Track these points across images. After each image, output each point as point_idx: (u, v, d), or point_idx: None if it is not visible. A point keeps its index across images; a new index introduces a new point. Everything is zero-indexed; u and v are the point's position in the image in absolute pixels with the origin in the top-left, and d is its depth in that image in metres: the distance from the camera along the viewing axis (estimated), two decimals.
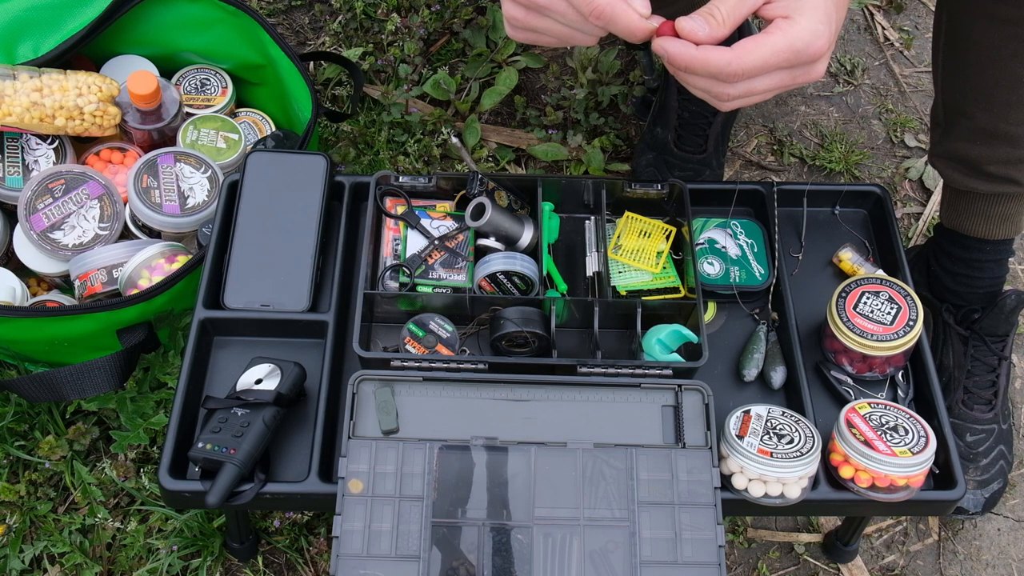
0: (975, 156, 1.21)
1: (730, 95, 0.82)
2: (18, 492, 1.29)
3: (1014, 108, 1.14)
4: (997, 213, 1.26)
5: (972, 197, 1.26)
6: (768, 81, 0.81)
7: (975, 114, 1.18)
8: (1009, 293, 1.30)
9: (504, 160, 1.65)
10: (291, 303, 1.13)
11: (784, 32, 0.79)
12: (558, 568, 0.94)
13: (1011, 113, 1.15)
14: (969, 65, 1.16)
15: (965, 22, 1.13)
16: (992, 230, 1.28)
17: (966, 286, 1.33)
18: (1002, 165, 1.20)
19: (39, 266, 1.33)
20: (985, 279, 1.32)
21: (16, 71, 1.29)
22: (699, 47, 0.79)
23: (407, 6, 1.79)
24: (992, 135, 1.18)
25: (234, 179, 1.22)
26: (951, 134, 1.23)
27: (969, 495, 1.31)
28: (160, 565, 1.26)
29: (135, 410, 1.29)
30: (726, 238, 1.23)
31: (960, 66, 1.18)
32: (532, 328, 1.09)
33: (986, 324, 1.31)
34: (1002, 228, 1.28)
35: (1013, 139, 1.17)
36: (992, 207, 1.26)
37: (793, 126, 1.74)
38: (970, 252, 1.31)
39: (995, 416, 1.33)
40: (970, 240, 1.30)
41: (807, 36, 0.79)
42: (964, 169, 1.24)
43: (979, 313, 1.32)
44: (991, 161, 1.20)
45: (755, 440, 1.00)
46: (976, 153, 1.21)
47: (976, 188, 1.24)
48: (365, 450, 0.99)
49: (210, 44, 1.48)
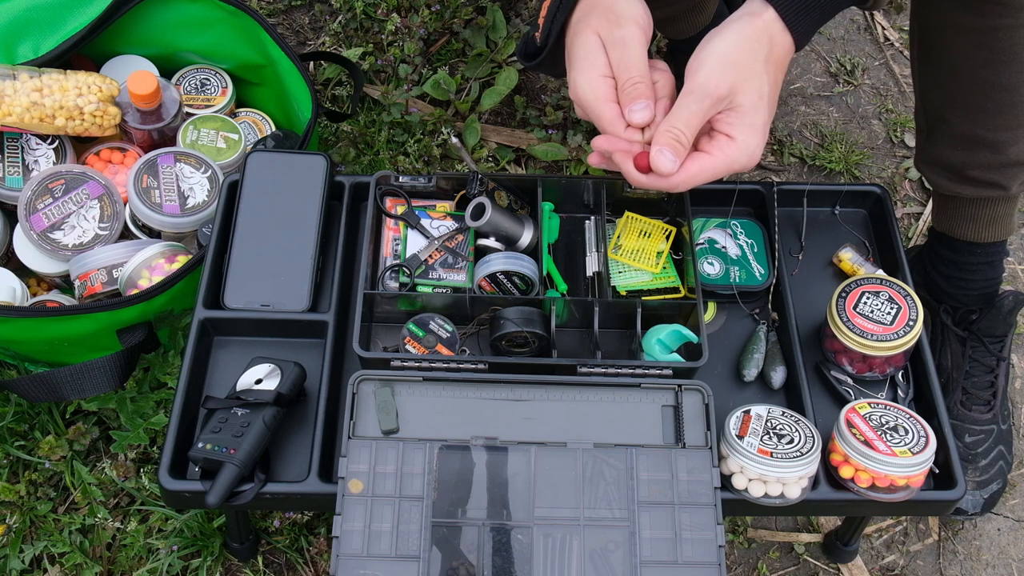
0: (957, 161, 1.21)
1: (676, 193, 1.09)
2: (18, 492, 1.29)
3: (990, 114, 1.14)
4: (985, 216, 1.26)
5: (958, 201, 1.26)
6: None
7: (953, 120, 1.18)
8: (1007, 294, 1.30)
9: (504, 160, 1.65)
10: (291, 303, 1.13)
11: (725, 155, 0.93)
12: (558, 568, 0.94)
13: (987, 119, 1.15)
14: (943, 73, 1.17)
15: (935, 32, 1.14)
16: (981, 233, 1.28)
17: (960, 288, 1.33)
18: (984, 170, 1.20)
19: (39, 266, 1.33)
20: (978, 281, 1.32)
21: (16, 71, 1.29)
22: (648, 176, 0.94)
23: (407, 6, 1.79)
24: (971, 141, 1.18)
25: (234, 179, 1.22)
26: (933, 140, 1.24)
27: (968, 496, 1.31)
28: (160, 565, 1.26)
29: (135, 410, 1.29)
30: (726, 238, 1.23)
31: (935, 74, 1.19)
32: (532, 328, 1.09)
33: (984, 325, 1.31)
34: (991, 231, 1.28)
35: (992, 144, 1.17)
36: (979, 210, 1.26)
37: (793, 126, 1.74)
38: (961, 255, 1.31)
39: (994, 417, 1.33)
40: (960, 243, 1.30)
41: (744, 159, 0.93)
42: (948, 174, 1.24)
43: (977, 314, 1.32)
44: (973, 166, 1.20)
45: (755, 440, 1.00)
46: (958, 158, 1.21)
47: (961, 192, 1.24)
48: (365, 450, 0.99)
49: (210, 44, 1.48)
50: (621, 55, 0.95)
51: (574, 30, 0.97)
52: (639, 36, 0.95)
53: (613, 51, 0.95)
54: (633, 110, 0.94)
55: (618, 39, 0.95)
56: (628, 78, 0.94)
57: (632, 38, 0.95)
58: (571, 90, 0.97)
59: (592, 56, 0.96)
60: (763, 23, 0.92)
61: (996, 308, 1.30)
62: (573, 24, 0.98)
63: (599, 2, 0.96)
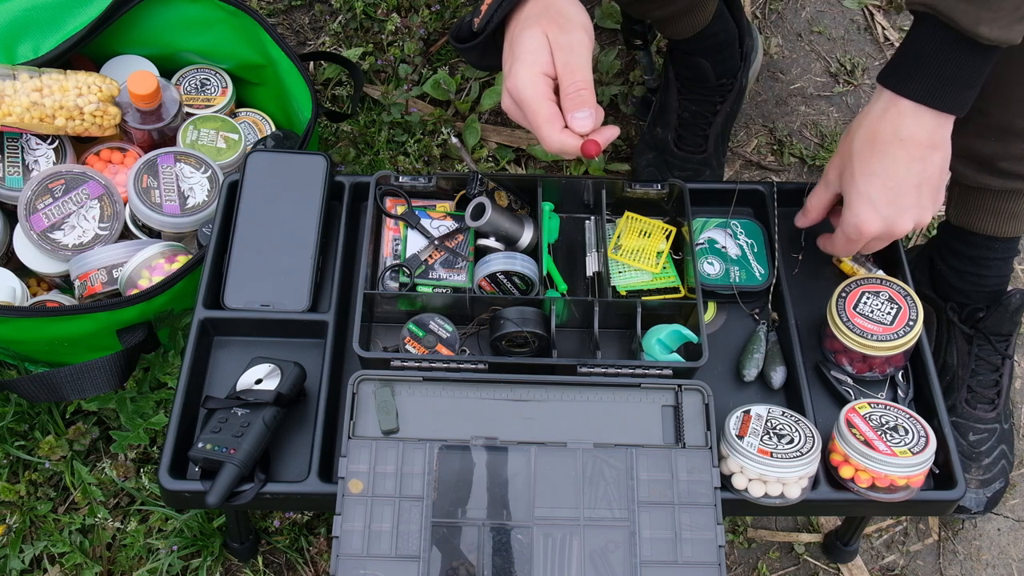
0: (988, 152, 1.21)
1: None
2: (18, 492, 1.29)
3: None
4: (1007, 210, 1.26)
5: (983, 194, 1.26)
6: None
7: (990, 110, 1.17)
8: (1014, 292, 1.30)
9: (504, 160, 1.65)
10: (291, 303, 1.13)
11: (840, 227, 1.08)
12: (558, 568, 0.94)
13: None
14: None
15: None
16: (1001, 227, 1.27)
17: (973, 284, 1.33)
18: (1015, 161, 1.20)
19: (39, 266, 1.33)
20: (992, 277, 1.32)
21: (16, 71, 1.29)
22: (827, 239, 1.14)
23: (407, 6, 1.79)
24: (1006, 131, 1.18)
25: (234, 179, 1.22)
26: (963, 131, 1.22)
27: (971, 494, 1.31)
28: (160, 565, 1.26)
29: (135, 410, 1.29)
30: (726, 238, 1.23)
31: None
32: (532, 328, 1.09)
33: (991, 323, 1.31)
34: (1011, 226, 1.28)
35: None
36: (1003, 204, 1.26)
37: (793, 126, 1.74)
38: (978, 250, 1.31)
39: (998, 416, 1.33)
40: (979, 238, 1.30)
41: (850, 228, 1.06)
42: (976, 166, 1.23)
43: (984, 312, 1.32)
44: (1004, 157, 1.20)
45: (755, 440, 1.00)
46: (989, 149, 1.20)
47: (988, 185, 1.23)
48: (365, 450, 0.99)
49: (210, 44, 1.48)
50: (568, 59, 0.96)
51: (521, 25, 0.98)
52: (587, 43, 0.97)
53: (559, 53, 0.96)
54: (577, 117, 0.95)
55: (566, 43, 0.96)
56: (573, 82, 0.96)
57: (580, 44, 0.96)
58: (510, 82, 0.97)
59: (538, 53, 0.96)
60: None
61: (1003, 306, 1.30)
62: (520, 20, 0.99)
63: (551, 4, 0.98)
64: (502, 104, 1.01)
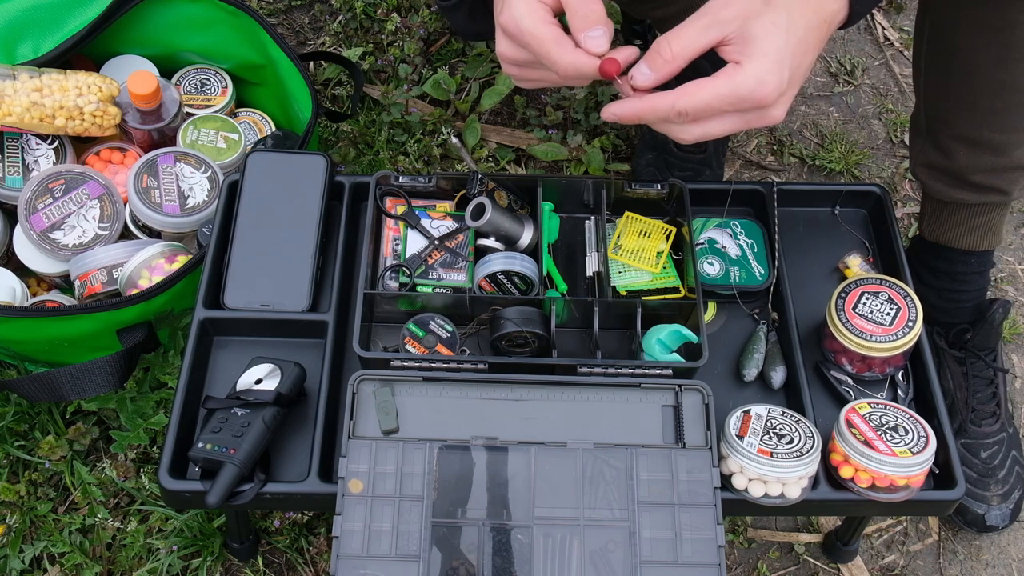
0: (959, 166, 1.19)
1: (685, 138, 0.85)
2: (18, 492, 1.29)
3: (998, 115, 1.13)
4: (981, 223, 1.25)
5: (956, 208, 1.25)
6: (720, 124, 0.84)
7: (958, 123, 1.16)
8: (996, 306, 1.29)
9: (504, 160, 1.65)
10: (291, 303, 1.13)
11: (729, 78, 0.81)
12: (558, 568, 0.94)
13: (995, 120, 1.13)
14: (952, 73, 1.14)
15: (949, 29, 1.12)
16: (976, 241, 1.26)
17: (953, 302, 1.31)
18: (987, 174, 1.19)
19: (39, 266, 1.33)
20: (971, 292, 1.31)
21: (16, 71, 1.29)
22: (643, 97, 0.83)
23: (407, 6, 1.79)
24: (976, 144, 1.16)
25: (234, 179, 1.22)
26: (933, 144, 1.21)
27: (995, 511, 1.30)
28: (160, 565, 1.26)
29: (135, 410, 1.29)
30: (726, 238, 1.23)
31: (943, 74, 1.16)
32: (532, 328, 1.09)
33: (979, 340, 1.30)
34: (986, 239, 1.26)
35: (997, 147, 1.16)
36: (976, 217, 1.24)
37: (793, 126, 1.74)
38: (955, 265, 1.29)
39: (1002, 425, 1.33)
40: (955, 252, 1.28)
41: (751, 83, 0.80)
42: (947, 180, 1.22)
43: (970, 332, 1.31)
44: (976, 170, 1.19)
45: (755, 440, 1.00)
46: (960, 163, 1.19)
47: (961, 199, 1.22)
48: (365, 450, 0.99)
49: (210, 44, 1.48)
50: None
51: None
52: None
53: None
54: (590, 36, 0.83)
55: None
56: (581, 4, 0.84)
57: None
58: (504, 17, 0.86)
59: None
60: None
61: (988, 322, 1.29)
62: None
63: None
64: (497, 51, 0.89)
